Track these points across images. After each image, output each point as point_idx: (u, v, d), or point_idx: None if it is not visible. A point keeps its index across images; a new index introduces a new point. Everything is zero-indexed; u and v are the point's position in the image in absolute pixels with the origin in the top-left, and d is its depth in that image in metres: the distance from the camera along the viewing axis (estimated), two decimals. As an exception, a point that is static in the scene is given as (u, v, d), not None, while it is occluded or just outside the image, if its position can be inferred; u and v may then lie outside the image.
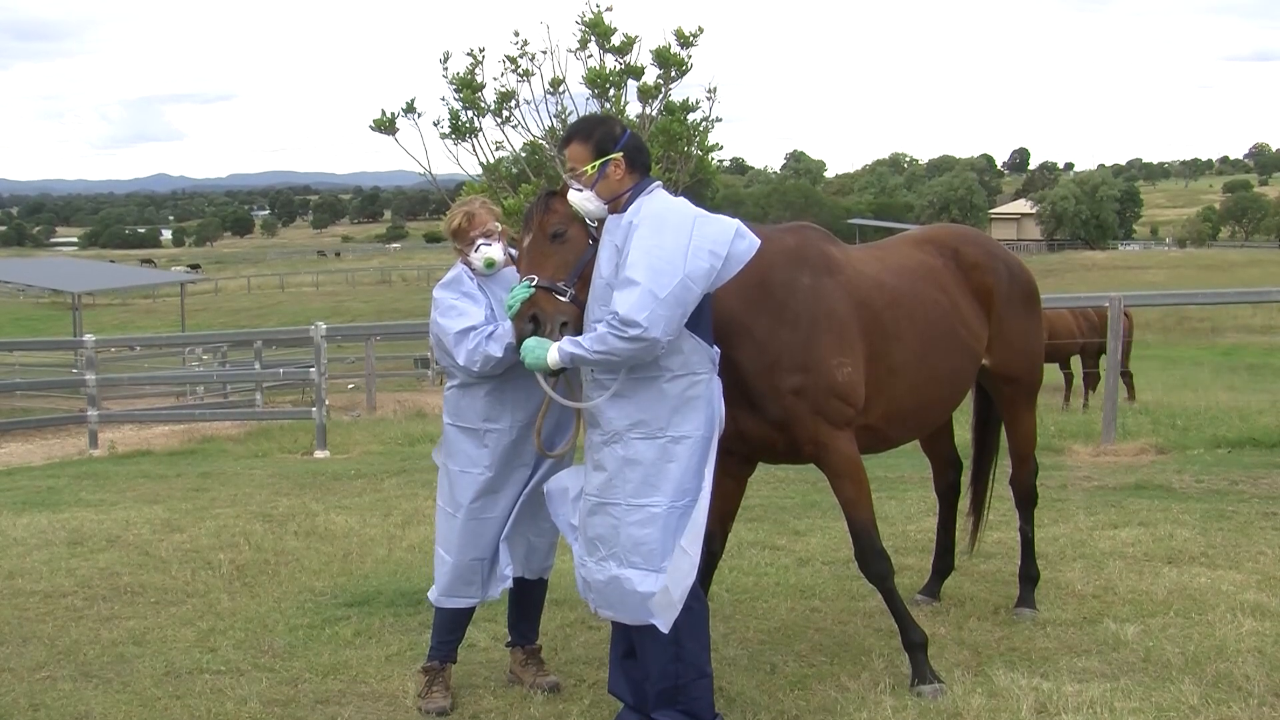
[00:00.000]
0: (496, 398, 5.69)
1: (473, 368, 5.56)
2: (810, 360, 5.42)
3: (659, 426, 4.97)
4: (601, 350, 4.82)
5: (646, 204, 5.03)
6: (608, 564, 5.04)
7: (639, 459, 4.98)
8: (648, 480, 4.97)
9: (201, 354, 31.77)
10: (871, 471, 10.84)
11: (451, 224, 5.89)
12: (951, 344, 6.21)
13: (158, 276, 69.70)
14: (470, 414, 5.74)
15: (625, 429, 4.99)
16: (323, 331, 17.11)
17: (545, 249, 5.15)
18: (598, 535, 5.08)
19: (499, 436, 5.71)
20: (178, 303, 53.44)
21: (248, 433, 18.45)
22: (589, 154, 5.09)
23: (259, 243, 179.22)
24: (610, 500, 5.02)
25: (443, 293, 5.75)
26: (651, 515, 4.96)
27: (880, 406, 5.81)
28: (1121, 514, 9.11)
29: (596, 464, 5.09)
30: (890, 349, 5.84)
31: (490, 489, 5.73)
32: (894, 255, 6.36)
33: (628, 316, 4.74)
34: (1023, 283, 6.69)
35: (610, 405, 5.02)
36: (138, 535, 9.69)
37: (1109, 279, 63.88)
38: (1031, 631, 6.49)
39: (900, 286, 6.04)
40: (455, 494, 5.79)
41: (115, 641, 7.04)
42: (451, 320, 5.63)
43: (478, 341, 5.54)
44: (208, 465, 14.36)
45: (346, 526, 9.77)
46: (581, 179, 5.08)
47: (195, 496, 11.72)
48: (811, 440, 5.54)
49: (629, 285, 4.78)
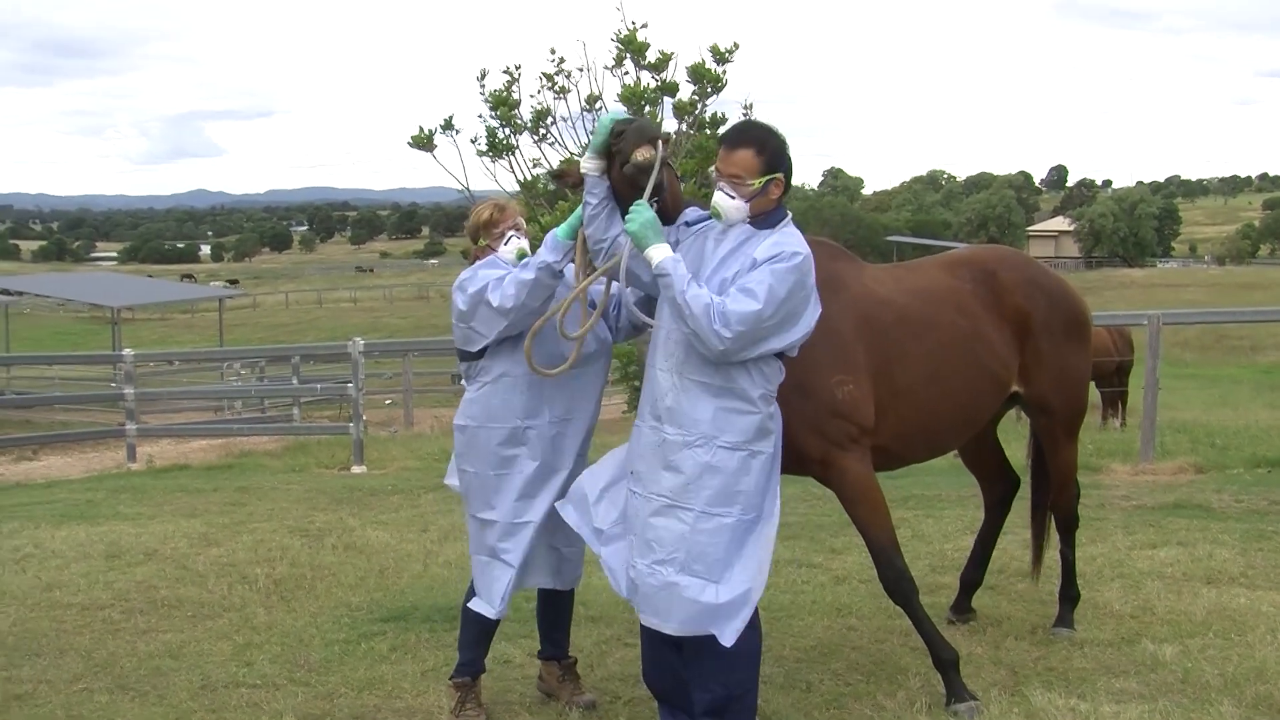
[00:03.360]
0: (536, 393, 5.61)
1: (508, 301, 5.40)
2: (810, 380, 5.36)
3: (744, 439, 4.94)
4: (686, 305, 4.79)
5: (794, 241, 4.96)
6: (664, 569, 4.93)
7: (721, 467, 4.91)
8: (725, 491, 4.92)
9: (239, 369, 31.99)
10: (908, 489, 10.91)
11: (482, 217, 5.80)
12: (970, 367, 6.09)
13: (196, 292, 70.19)
14: (506, 413, 5.64)
15: (714, 436, 4.92)
16: (360, 347, 17.18)
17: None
18: (658, 537, 4.95)
19: (539, 432, 5.64)
20: (216, 318, 53.84)
21: (285, 447, 18.53)
22: (759, 167, 4.97)
23: (297, 258, 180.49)
24: (683, 504, 4.92)
25: (471, 272, 5.63)
26: (722, 526, 4.91)
27: (888, 426, 5.72)
28: (1160, 533, 9.04)
29: (671, 465, 4.95)
30: (897, 369, 5.77)
31: (529, 490, 5.63)
32: (915, 276, 6.28)
33: (729, 318, 4.74)
34: (1065, 310, 6.53)
35: (702, 408, 4.94)
36: (175, 549, 9.74)
37: (1147, 297, 63.51)
38: (1069, 651, 6.44)
39: (911, 306, 5.97)
40: (491, 497, 5.67)
41: (151, 654, 7.07)
42: (484, 278, 5.52)
43: (510, 277, 5.42)
44: (245, 480, 14.42)
45: (383, 542, 9.79)
46: (742, 190, 4.97)
47: (232, 511, 11.77)
48: (818, 461, 5.50)
49: (749, 297, 4.76)
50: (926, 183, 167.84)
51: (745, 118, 12.57)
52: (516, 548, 5.66)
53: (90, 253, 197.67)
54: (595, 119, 12.36)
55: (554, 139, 12.46)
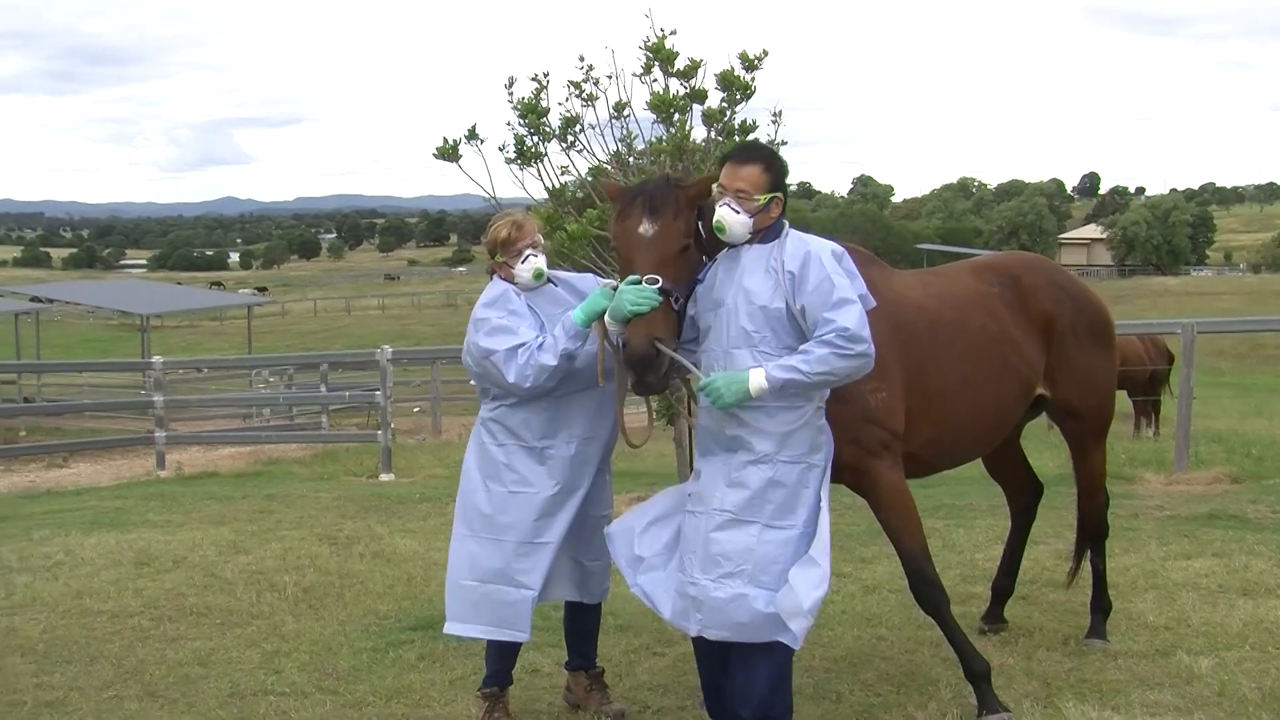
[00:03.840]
0: (554, 414, 5.64)
1: (524, 383, 5.46)
2: (844, 387, 5.34)
3: (802, 453, 5.08)
4: (822, 371, 4.90)
5: (809, 238, 5.16)
6: (732, 581, 5.00)
7: (784, 481, 5.04)
8: (788, 504, 5.05)
9: (268, 376, 32.14)
10: (938, 499, 10.88)
11: (500, 235, 5.76)
12: (1000, 371, 6.17)
13: (225, 299, 70.48)
14: (526, 433, 5.66)
15: (775, 452, 5.04)
16: (388, 355, 17.25)
17: (671, 253, 5.16)
18: (723, 552, 5.03)
19: (558, 452, 5.65)
20: (245, 325, 54.04)
21: (313, 455, 18.62)
22: (766, 184, 5.13)
23: (325, 266, 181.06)
24: (748, 519, 5.03)
25: (489, 311, 5.63)
26: (787, 538, 5.02)
27: (922, 433, 5.77)
28: (1195, 544, 8.98)
29: (735, 481, 5.06)
30: (929, 375, 5.81)
31: (548, 510, 5.63)
32: (943, 281, 6.36)
33: (857, 332, 4.87)
34: (1089, 314, 6.61)
35: (766, 430, 5.04)
36: (204, 556, 9.79)
37: (1181, 305, 63.09)
38: (1102, 663, 6.41)
39: (942, 311, 6.03)
40: (506, 517, 5.63)
41: (181, 662, 7.11)
42: (499, 340, 5.52)
43: (528, 356, 5.45)
44: (273, 487, 14.49)
45: (411, 550, 9.81)
46: (748, 206, 5.09)
47: (261, 518, 11.83)
48: (850, 468, 5.51)
49: (848, 304, 4.92)
50: (957, 190, 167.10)
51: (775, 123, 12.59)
52: (535, 569, 5.64)
53: (120, 260, 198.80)
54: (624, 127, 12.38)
55: (582, 146, 12.44)
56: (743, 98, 12.22)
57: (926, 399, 5.77)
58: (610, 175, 12.37)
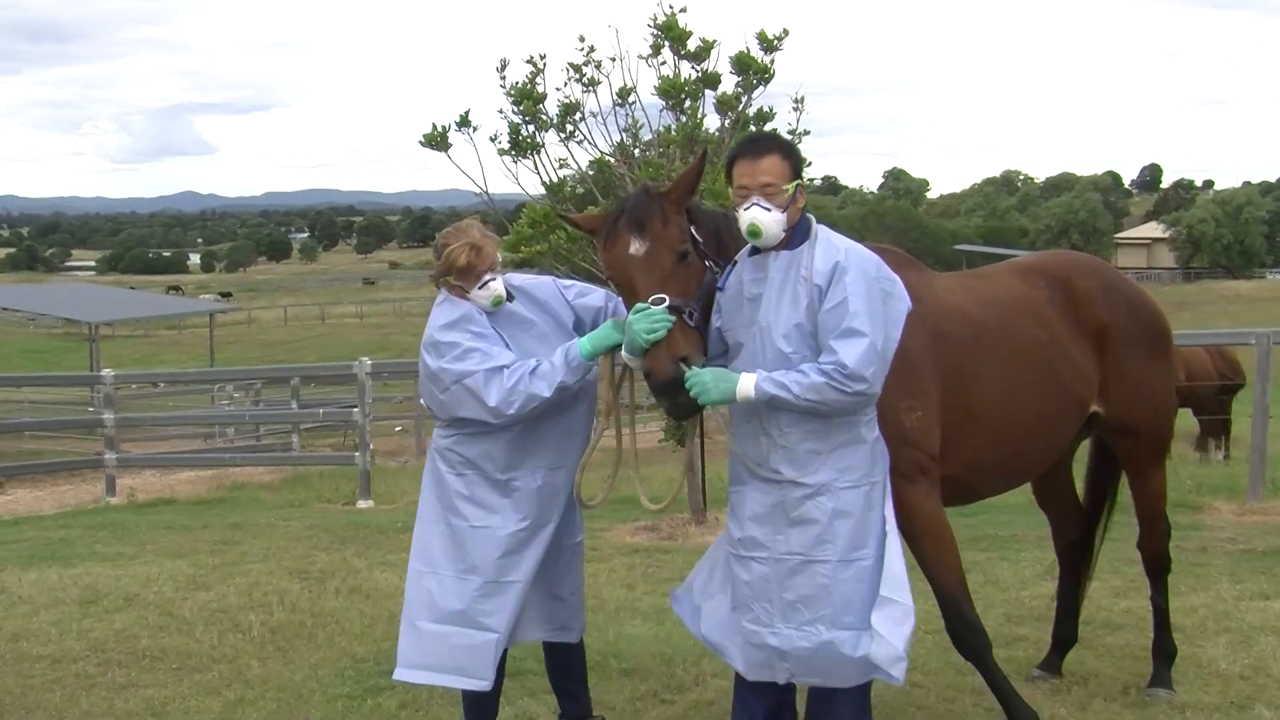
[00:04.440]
0: (520, 444, 5.66)
1: (507, 410, 5.46)
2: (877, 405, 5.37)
3: (863, 474, 5.12)
4: (812, 399, 4.94)
5: (839, 243, 5.15)
6: (815, 628, 5.09)
7: (849, 510, 5.08)
8: (858, 532, 5.09)
9: (232, 392, 32.18)
10: (979, 529, 10.85)
11: (458, 262, 5.68)
12: (1049, 384, 6.16)
13: (184, 305, 70.61)
14: (487, 464, 5.68)
15: (833, 479, 5.07)
16: (367, 368, 17.25)
17: (669, 266, 5.21)
18: (801, 598, 5.10)
19: (524, 484, 5.68)
20: (206, 335, 54.16)
21: (283, 479, 18.61)
22: (788, 173, 5.14)
23: (297, 269, 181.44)
24: (820, 558, 5.08)
25: (453, 334, 5.63)
26: (863, 570, 5.08)
27: (962, 454, 5.76)
28: (1272, 582, 8.94)
29: (797, 520, 5.09)
30: (972, 390, 5.81)
31: (515, 547, 5.65)
32: (988, 285, 6.34)
33: (856, 371, 4.89)
34: (1146, 321, 6.59)
35: (816, 457, 5.07)
36: (158, 593, 9.77)
37: (1255, 312, 62.96)
38: (1168, 715, 6.39)
39: (988, 319, 6.02)
40: (467, 554, 5.68)
41: (131, 713, 7.10)
42: (472, 363, 5.53)
43: (517, 379, 5.46)
44: (238, 515, 14.48)
45: (392, 585, 9.79)
46: (778, 200, 5.09)
47: (224, 550, 11.82)
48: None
49: (855, 336, 4.92)
50: (1000, 185, 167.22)
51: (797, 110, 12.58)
52: (500, 610, 5.66)
53: (65, 261, 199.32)
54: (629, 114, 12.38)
55: (583, 136, 12.44)
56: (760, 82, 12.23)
57: (968, 416, 5.76)
58: (613, 168, 12.39)
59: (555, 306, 5.91)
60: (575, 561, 6.01)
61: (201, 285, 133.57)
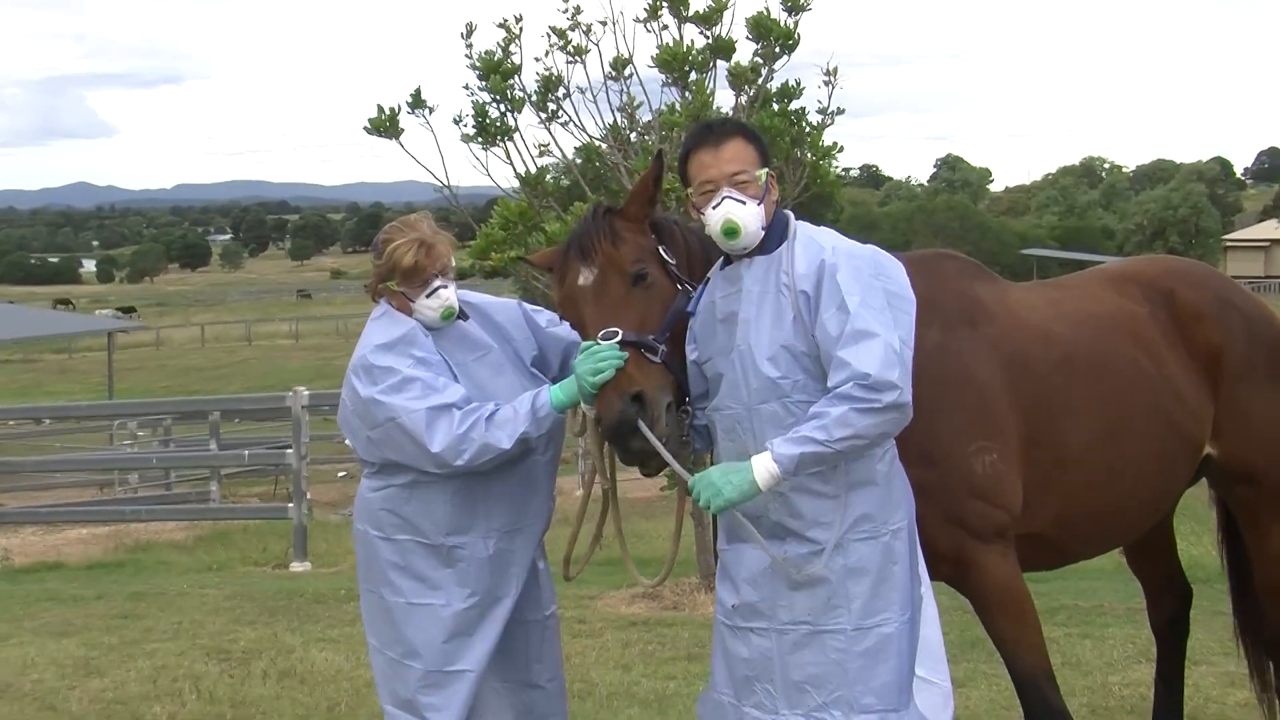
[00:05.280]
0: (468, 500, 5.54)
1: (454, 460, 5.33)
2: (937, 447, 5.34)
3: (880, 520, 4.98)
4: (846, 436, 4.72)
5: (824, 239, 5.05)
6: (828, 715, 4.95)
7: (864, 566, 4.95)
8: (876, 592, 4.96)
9: (135, 430, 32.04)
10: (1056, 598, 10.85)
11: (403, 261, 5.57)
12: (1155, 421, 6.04)
13: (76, 323, 70.45)
14: (425, 524, 5.56)
15: (845, 530, 4.95)
16: (304, 400, 17.22)
17: (622, 291, 5.14)
18: (810, 677, 4.98)
19: (471, 550, 5.56)
20: (103, 359, 54.06)
21: (198, 538, 18.60)
22: (755, 158, 5.10)
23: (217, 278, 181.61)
24: (829, 627, 4.95)
25: (389, 358, 5.50)
26: (884, 637, 4.95)
27: (1049, 508, 5.71)
28: None
29: (802, 580, 4.96)
30: (1062, 428, 5.75)
31: (463, 628, 5.56)
32: (1076, 298, 6.24)
33: (882, 377, 4.68)
34: (1270, 342, 6.43)
35: (820, 506, 4.96)
36: (39, 682, 9.74)
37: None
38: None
39: (1079, 341, 5.94)
40: (405, 637, 5.61)
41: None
42: (413, 397, 5.38)
43: (470, 425, 5.31)
44: (141, 583, 14.46)
45: (334, 667, 9.79)
46: (750, 189, 5.03)
47: (123, 627, 11.79)
48: (948, 558, 5.46)
49: (867, 339, 4.75)
50: (1080, 175, 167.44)
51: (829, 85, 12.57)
52: (449, 704, 5.59)
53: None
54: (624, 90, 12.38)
55: (567, 117, 12.43)
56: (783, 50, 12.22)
57: (1055, 462, 5.71)
58: (605, 156, 12.39)
59: (516, 334, 5.84)
60: (549, 640, 5.91)
61: (97, 299, 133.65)
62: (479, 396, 5.48)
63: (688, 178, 5.14)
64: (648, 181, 5.33)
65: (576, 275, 5.18)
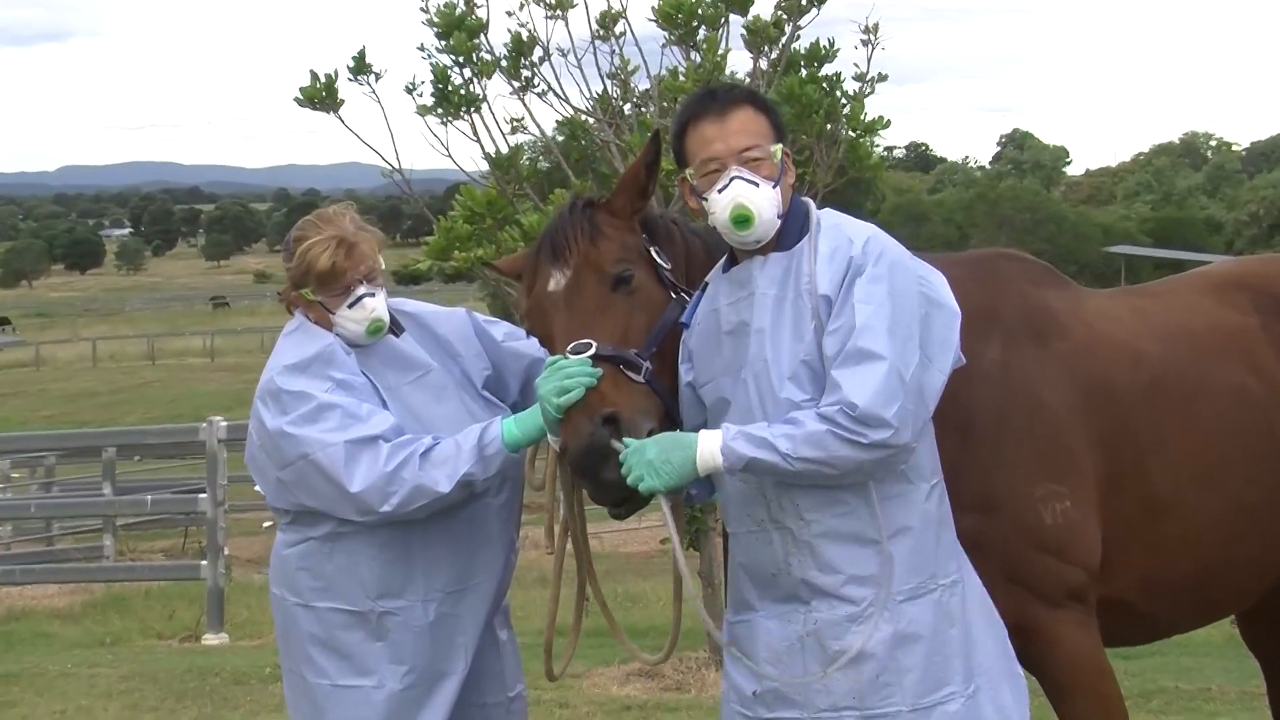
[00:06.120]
0: (402, 556, 5.48)
1: (379, 506, 5.25)
2: (996, 491, 5.34)
3: (930, 574, 4.94)
4: (812, 459, 4.69)
5: (854, 232, 4.98)
6: None
7: (917, 632, 4.90)
8: (935, 661, 4.91)
9: (9, 471, 32.06)
10: (1149, 678, 10.87)
11: (320, 264, 5.48)
12: (1268, 461, 6.00)
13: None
14: (350, 586, 5.48)
15: (889, 591, 4.87)
16: (221, 433, 17.20)
17: (599, 297, 5.10)
18: None
19: (407, 617, 5.49)
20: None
21: (87, 604, 18.59)
22: (769, 131, 5.07)
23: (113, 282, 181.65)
24: (880, 709, 4.88)
25: (302, 381, 5.43)
26: (949, 716, 4.91)
27: (1135, 567, 5.69)
28: None
29: (839, 654, 4.87)
30: (1150, 468, 5.72)
31: (399, 715, 5.50)
32: (1169, 308, 6.22)
33: (870, 411, 4.64)
34: None
35: (856, 559, 4.89)
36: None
37: None
38: None
39: (1172, 361, 5.92)
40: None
41: None
42: (330, 428, 5.30)
43: (399, 462, 5.23)
44: (14, 661, 14.45)
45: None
46: (763, 168, 4.98)
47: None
48: (1011, 627, 5.35)
49: (868, 360, 4.71)
50: (1179, 155, 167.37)
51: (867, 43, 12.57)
52: None
53: None
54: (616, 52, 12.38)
55: (546, 85, 12.42)
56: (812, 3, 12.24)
57: (1143, 509, 5.70)
58: (593, 132, 12.40)
59: (463, 350, 5.80)
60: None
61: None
62: (414, 427, 5.42)
63: (685, 155, 5.10)
64: (639, 168, 5.30)
65: (546, 279, 5.16)
